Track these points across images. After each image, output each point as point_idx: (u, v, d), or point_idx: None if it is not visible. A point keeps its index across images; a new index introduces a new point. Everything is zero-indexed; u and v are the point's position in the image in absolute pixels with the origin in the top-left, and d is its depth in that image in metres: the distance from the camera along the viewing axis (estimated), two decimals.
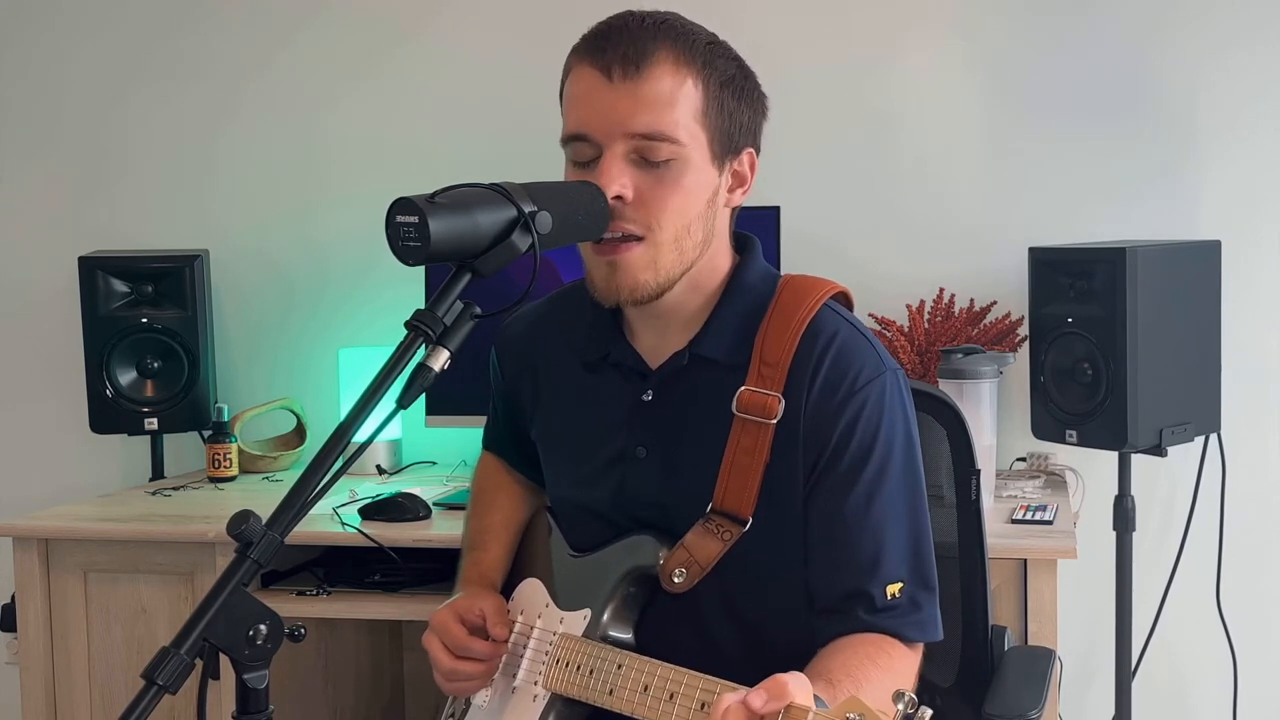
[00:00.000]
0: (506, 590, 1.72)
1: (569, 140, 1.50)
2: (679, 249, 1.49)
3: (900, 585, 1.49)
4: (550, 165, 1.56)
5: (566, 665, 1.54)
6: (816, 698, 1.23)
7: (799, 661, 1.43)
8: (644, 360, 1.59)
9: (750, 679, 1.26)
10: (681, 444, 1.56)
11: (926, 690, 1.75)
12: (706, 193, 1.50)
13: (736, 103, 1.51)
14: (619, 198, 1.45)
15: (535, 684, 1.58)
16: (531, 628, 1.63)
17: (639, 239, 1.47)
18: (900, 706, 1.14)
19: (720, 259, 1.57)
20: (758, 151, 1.57)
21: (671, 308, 1.55)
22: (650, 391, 1.58)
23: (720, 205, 1.53)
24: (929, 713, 1.13)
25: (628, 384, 1.59)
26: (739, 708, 1.19)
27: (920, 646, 1.51)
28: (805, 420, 1.50)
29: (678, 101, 1.45)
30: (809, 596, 1.53)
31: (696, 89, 1.47)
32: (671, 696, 1.40)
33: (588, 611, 1.57)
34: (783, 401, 1.50)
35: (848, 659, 1.42)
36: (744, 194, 1.56)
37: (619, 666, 1.48)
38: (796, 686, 1.20)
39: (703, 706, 1.36)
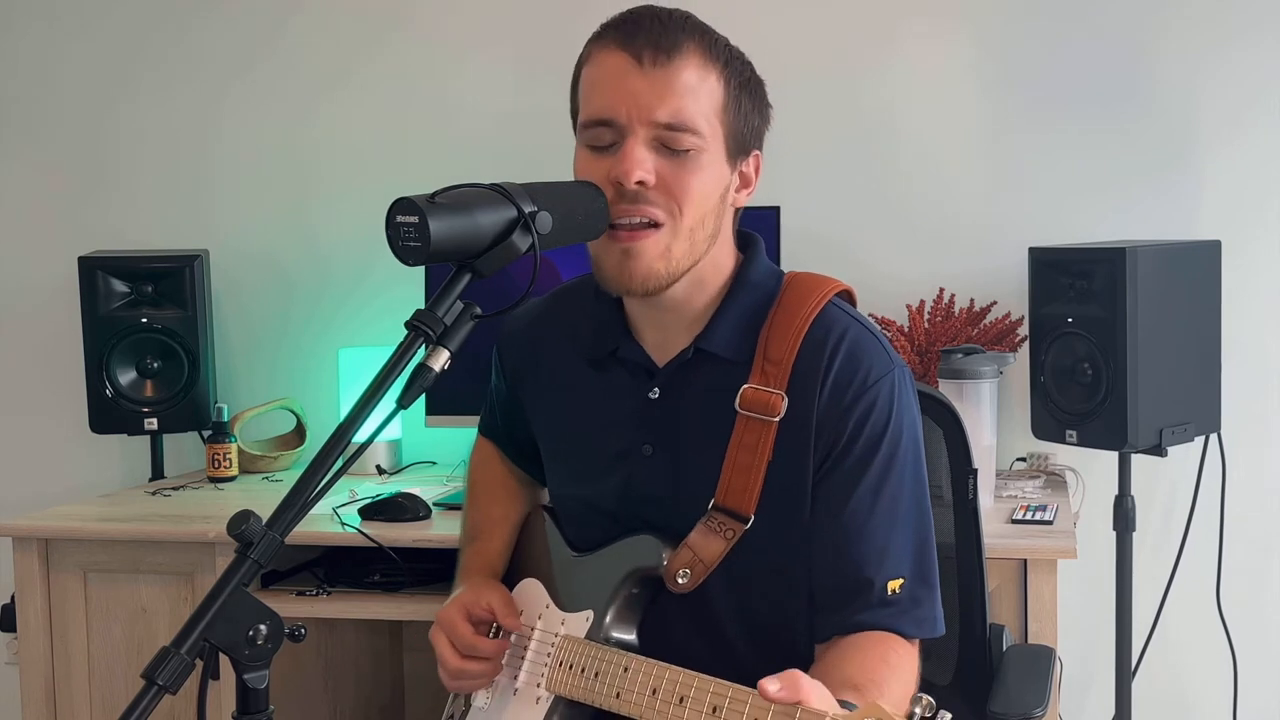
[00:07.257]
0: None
1: (590, 125, 1.49)
2: (692, 240, 1.49)
3: (901, 581, 1.49)
4: (553, 165, 1.56)
5: (570, 667, 1.53)
6: (845, 703, 1.25)
7: (800, 660, 1.43)
8: (650, 357, 1.59)
9: (752, 679, 1.26)
10: (687, 441, 1.56)
11: (924, 689, 1.74)
12: (720, 188, 1.51)
13: (750, 105, 1.53)
14: (641, 182, 1.45)
15: (538, 686, 1.57)
16: (532, 629, 1.63)
17: (657, 225, 1.47)
18: (918, 710, 1.13)
19: (724, 257, 1.57)
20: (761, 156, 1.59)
21: (676, 304, 1.55)
22: (656, 389, 1.58)
23: (729, 203, 1.55)
24: (948, 716, 1.12)
25: (634, 381, 1.59)
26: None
27: (918, 643, 1.52)
28: (817, 418, 1.50)
29: (702, 94, 1.47)
30: (810, 592, 1.53)
31: (719, 85, 1.49)
32: (681, 700, 1.37)
33: (590, 613, 1.57)
34: (786, 399, 1.50)
35: (864, 661, 1.43)
36: (748, 195, 1.58)
37: (625, 669, 1.46)
38: (811, 687, 1.22)
39: (714, 710, 1.33)
